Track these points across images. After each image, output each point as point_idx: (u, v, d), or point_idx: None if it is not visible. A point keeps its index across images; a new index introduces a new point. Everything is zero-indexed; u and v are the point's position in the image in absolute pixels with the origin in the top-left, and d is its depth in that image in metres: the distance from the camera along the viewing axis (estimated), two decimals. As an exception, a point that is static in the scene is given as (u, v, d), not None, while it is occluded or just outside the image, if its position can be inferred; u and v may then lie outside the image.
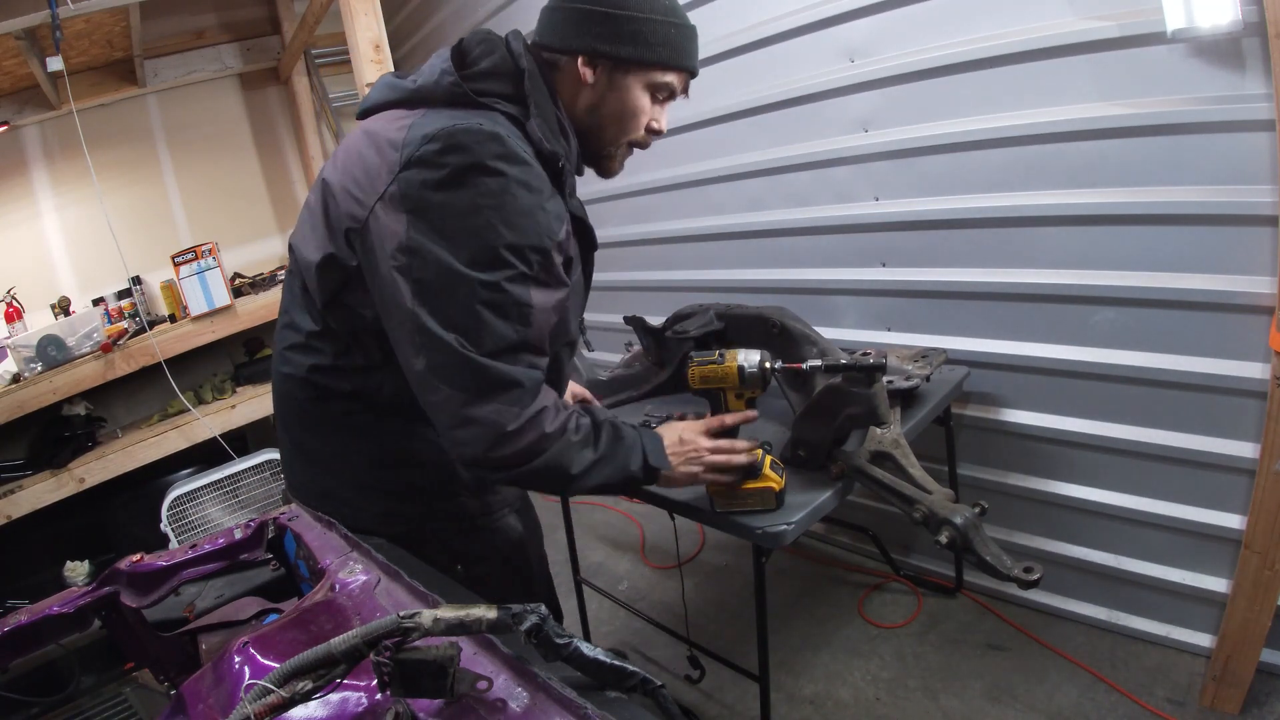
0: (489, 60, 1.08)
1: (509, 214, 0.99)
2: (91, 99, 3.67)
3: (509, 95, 1.08)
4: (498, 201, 0.98)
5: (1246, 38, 1.37)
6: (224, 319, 3.48)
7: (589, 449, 1.09)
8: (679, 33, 1.15)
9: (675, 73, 1.17)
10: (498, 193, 0.98)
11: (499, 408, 1.00)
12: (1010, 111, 1.74)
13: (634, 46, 1.11)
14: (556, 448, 1.05)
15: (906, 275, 2.08)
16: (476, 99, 1.05)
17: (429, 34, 3.92)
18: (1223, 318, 1.57)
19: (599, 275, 3.70)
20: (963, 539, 1.22)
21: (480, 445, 1.01)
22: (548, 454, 1.04)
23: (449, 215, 0.97)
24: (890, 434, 1.48)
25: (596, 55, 1.11)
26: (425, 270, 0.97)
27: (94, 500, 3.31)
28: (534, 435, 1.03)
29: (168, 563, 1.32)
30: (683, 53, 1.17)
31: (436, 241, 0.97)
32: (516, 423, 1.00)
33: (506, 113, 1.06)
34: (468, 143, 0.98)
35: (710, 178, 2.54)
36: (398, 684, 0.70)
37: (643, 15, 1.10)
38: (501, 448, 1.02)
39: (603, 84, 1.14)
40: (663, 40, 1.12)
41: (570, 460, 1.07)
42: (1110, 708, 1.73)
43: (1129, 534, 1.85)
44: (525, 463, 1.04)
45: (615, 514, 3.11)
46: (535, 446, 1.03)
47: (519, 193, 1.00)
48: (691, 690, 2.02)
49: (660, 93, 1.18)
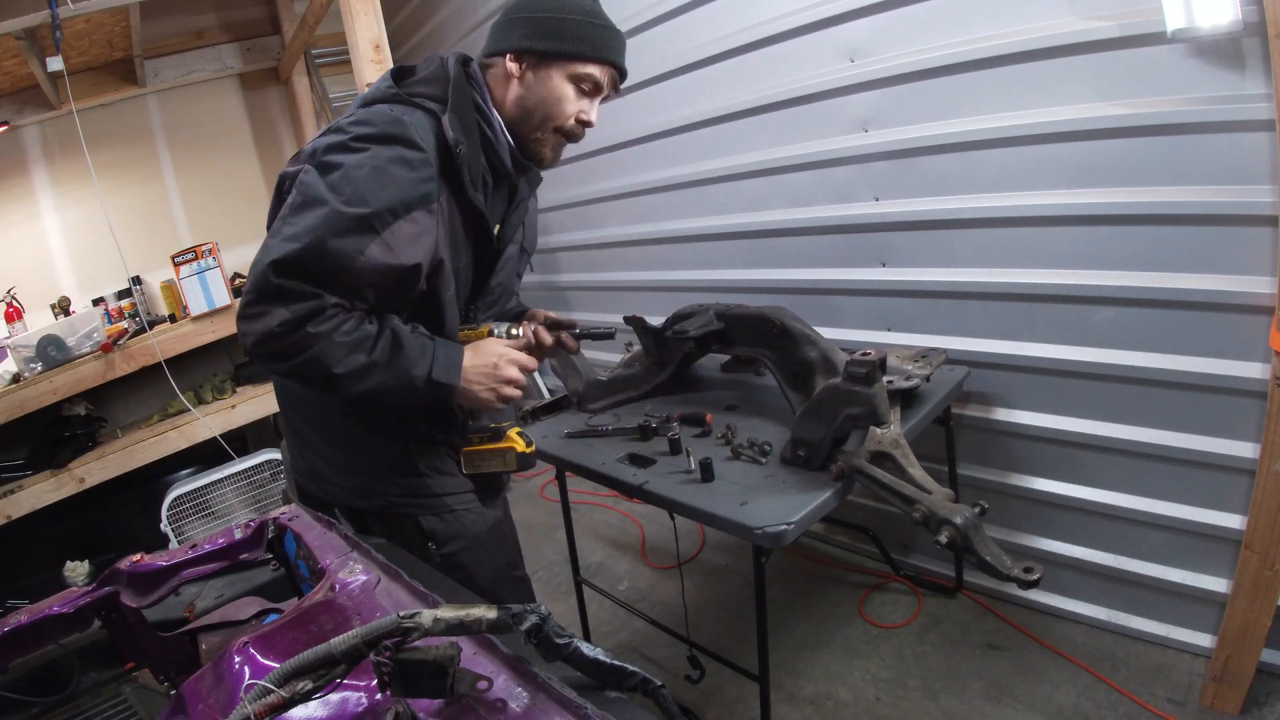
0: (426, 71, 1.27)
1: (384, 177, 1.14)
2: (91, 99, 3.67)
3: (436, 96, 1.23)
4: (379, 165, 1.14)
5: (1246, 38, 1.38)
6: (224, 319, 3.48)
7: (360, 353, 1.17)
8: (597, 31, 1.27)
9: (595, 65, 1.28)
10: (381, 159, 1.14)
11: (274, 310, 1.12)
12: (1010, 111, 1.74)
13: (553, 40, 1.25)
14: (320, 346, 1.14)
15: (906, 275, 2.08)
16: (409, 99, 1.23)
17: (429, 34, 3.92)
18: (1223, 318, 1.57)
19: (599, 275, 3.72)
20: (963, 539, 1.22)
21: (251, 338, 1.15)
22: (310, 351, 1.14)
23: (337, 165, 1.14)
24: (890, 434, 1.48)
25: (520, 52, 1.27)
26: (305, 190, 1.14)
27: (94, 500, 3.32)
28: (297, 335, 1.13)
29: (168, 563, 1.32)
30: (601, 46, 1.28)
31: (320, 178, 1.14)
32: (282, 326, 1.12)
33: (428, 109, 1.22)
34: (372, 118, 1.17)
35: (710, 178, 2.54)
36: (398, 684, 0.70)
37: (561, 15, 1.25)
38: (268, 343, 1.14)
39: (528, 78, 1.28)
40: (580, 35, 1.26)
41: (334, 359, 1.16)
42: (1110, 708, 1.73)
43: (1129, 534, 1.85)
44: (290, 358, 1.15)
45: (615, 514, 3.11)
46: (298, 344, 1.14)
47: (398, 165, 1.15)
48: (691, 690, 2.01)
49: (583, 84, 1.29)
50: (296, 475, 1.47)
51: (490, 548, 1.46)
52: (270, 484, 3.27)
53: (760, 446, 1.62)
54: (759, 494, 1.47)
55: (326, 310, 1.14)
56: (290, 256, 1.10)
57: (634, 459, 1.73)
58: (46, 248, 3.77)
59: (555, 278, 3.66)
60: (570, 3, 1.26)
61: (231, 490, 3.20)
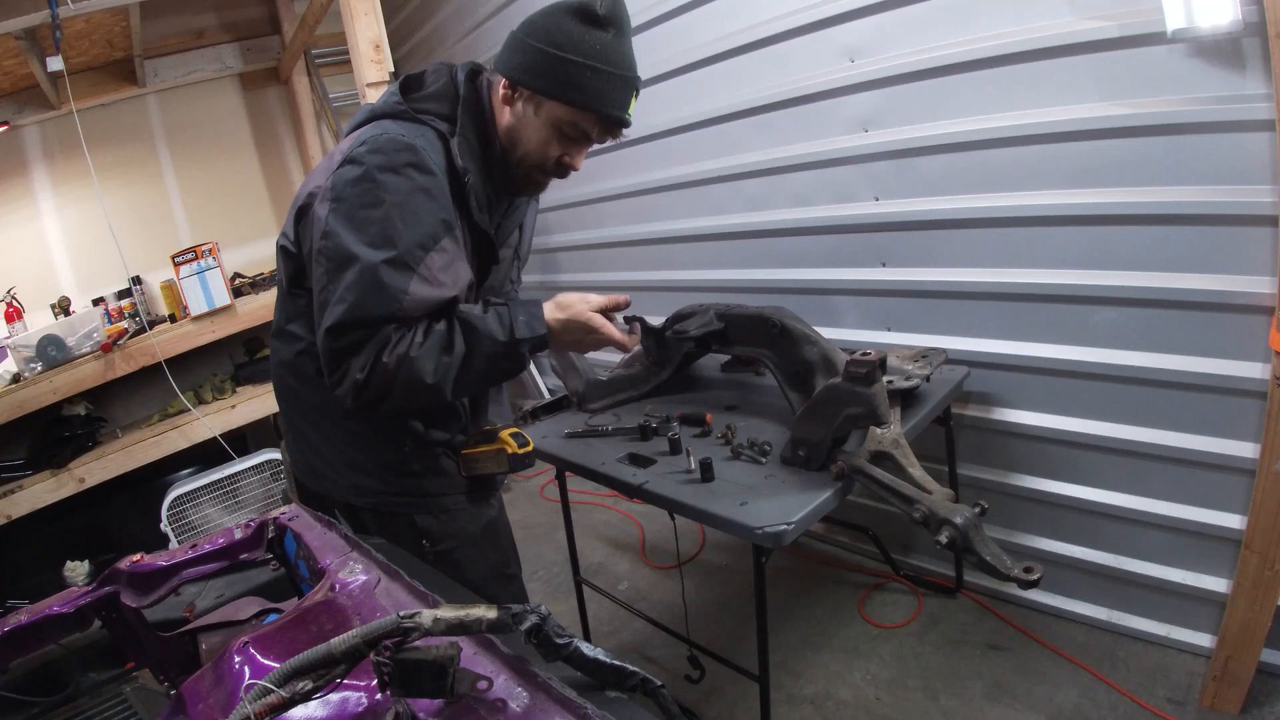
0: (435, 85, 1.26)
1: (406, 212, 1.15)
2: (91, 99, 3.68)
3: (444, 115, 1.24)
4: (399, 200, 1.14)
5: (1246, 38, 1.38)
6: (224, 319, 3.48)
7: (443, 354, 1.19)
8: (599, 79, 1.20)
9: (588, 114, 1.23)
10: (401, 192, 1.15)
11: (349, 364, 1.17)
12: (1010, 111, 1.74)
13: (547, 81, 1.20)
14: (405, 370, 1.16)
15: (906, 275, 2.08)
16: (416, 115, 1.23)
17: (429, 34, 3.92)
18: (1223, 318, 1.57)
19: (599, 275, 3.72)
20: (963, 539, 1.22)
21: (349, 398, 1.18)
22: (399, 377, 1.17)
23: (358, 205, 1.14)
24: (890, 434, 1.48)
25: (517, 83, 1.23)
26: (334, 251, 1.15)
27: (94, 500, 3.31)
28: (379, 371, 1.16)
29: (168, 563, 1.32)
30: (597, 97, 1.21)
31: (344, 226, 1.14)
32: (363, 373, 1.16)
33: (437, 129, 1.23)
34: (386, 148, 1.16)
35: (710, 178, 2.54)
36: (398, 684, 0.70)
37: (565, 55, 1.18)
38: (364, 393, 1.17)
39: (519, 109, 1.25)
40: (576, 82, 1.19)
41: (424, 372, 1.17)
42: (1110, 708, 1.73)
43: (1129, 534, 1.85)
44: (387, 394, 1.18)
45: (615, 514, 3.11)
46: (386, 379, 1.17)
47: (418, 197, 1.16)
48: (691, 690, 2.01)
49: (570, 130, 1.25)
50: (296, 471, 1.49)
51: (483, 547, 1.47)
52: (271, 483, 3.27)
53: (760, 446, 1.62)
54: (759, 494, 1.47)
55: (390, 338, 1.16)
56: (340, 320, 1.14)
57: (634, 459, 1.73)
58: (46, 248, 3.77)
59: (555, 278, 3.66)
60: (580, 42, 1.18)
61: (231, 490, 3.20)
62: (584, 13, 1.18)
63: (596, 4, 1.18)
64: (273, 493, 3.27)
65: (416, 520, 1.39)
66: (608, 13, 1.18)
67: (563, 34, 1.18)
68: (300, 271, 1.27)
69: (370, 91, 2.77)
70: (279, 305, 1.39)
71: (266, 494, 3.27)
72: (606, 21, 1.19)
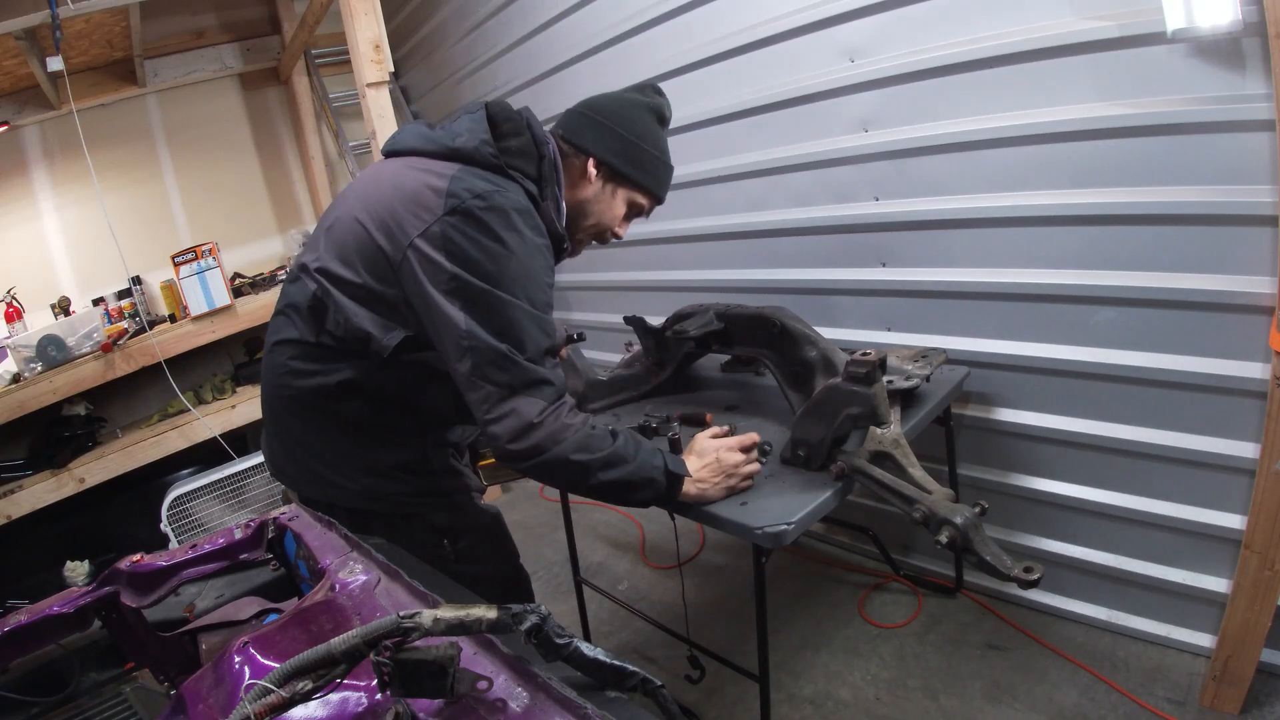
0: (518, 140, 1.29)
1: (530, 266, 1.21)
2: (91, 99, 3.67)
3: (531, 175, 1.29)
4: (525, 254, 1.21)
5: (1246, 38, 1.37)
6: (224, 319, 3.48)
7: (608, 442, 1.25)
8: (664, 169, 1.44)
9: (652, 197, 1.45)
10: (523, 248, 1.21)
11: (529, 400, 1.18)
12: (1010, 111, 1.73)
13: (633, 168, 1.39)
14: (578, 437, 1.21)
15: (906, 275, 2.07)
16: (507, 169, 1.26)
17: (429, 34, 3.92)
18: (1223, 318, 1.57)
19: (599, 275, 3.72)
20: (963, 539, 1.22)
21: (509, 434, 1.18)
22: (568, 441, 1.20)
23: (487, 257, 1.18)
24: (890, 434, 1.48)
25: (605, 164, 1.38)
26: (474, 294, 1.17)
27: (94, 500, 3.31)
28: (556, 425, 1.19)
29: (168, 563, 1.32)
30: (662, 186, 1.46)
31: (479, 274, 1.17)
32: (541, 415, 1.18)
33: (527, 189, 1.27)
34: (507, 208, 1.20)
35: (710, 178, 2.54)
36: (398, 684, 0.70)
37: (645, 146, 1.39)
38: (529, 436, 1.18)
39: (598, 187, 1.40)
40: (653, 172, 1.42)
41: (589, 448, 1.22)
42: (1110, 708, 1.73)
43: (1129, 534, 1.85)
44: (549, 449, 1.19)
45: (615, 514, 3.11)
46: (557, 434, 1.19)
47: (535, 255, 1.23)
48: (691, 690, 2.01)
49: (634, 211, 1.46)
50: (295, 483, 1.45)
51: (498, 537, 1.53)
52: (271, 483, 3.27)
53: (760, 446, 1.62)
54: (759, 494, 1.47)
55: (568, 400, 1.23)
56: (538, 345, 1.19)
57: (634, 459, 1.73)
58: (46, 248, 3.77)
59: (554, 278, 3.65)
60: (652, 136, 1.40)
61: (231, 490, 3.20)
62: (660, 115, 1.43)
63: (666, 109, 1.44)
64: (273, 493, 3.27)
65: (436, 520, 1.41)
66: (670, 115, 1.46)
67: (644, 127, 1.39)
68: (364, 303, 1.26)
69: (370, 92, 2.77)
70: (298, 318, 1.34)
71: (267, 494, 3.27)
72: (668, 122, 1.45)
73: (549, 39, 3.01)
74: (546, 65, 3.07)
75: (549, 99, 3.15)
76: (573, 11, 2.80)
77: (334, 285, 1.28)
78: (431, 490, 1.42)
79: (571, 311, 3.65)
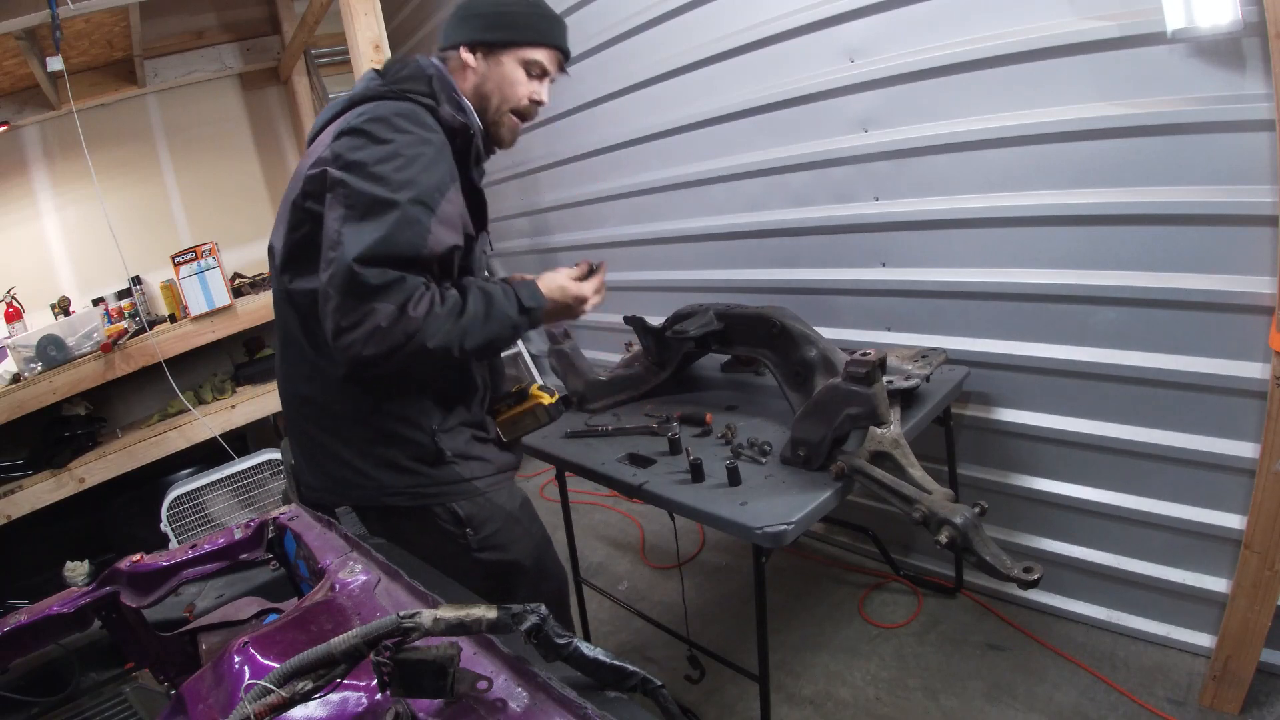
0: (406, 70, 1.36)
1: (417, 162, 1.22)
2: (91, 99, 3.67)
3: (424, 92, 1.32)
4: (411, 152, 1.22)
5: (1246, 38, 1.37)
6: (224, 319, 3.48)
7: (462, 316, 1.25)
8: (542, 20, 1.42)
9: (542, 49, 1.42)
10: (411, 145, 1.23)
11: (375, 307, 1.17)
12: (1010, 111, 1.73)
13: (505, 31, 1.39)
14: (429, 325, 1.20)
15: (906, 275, 2.07)
16: (403, 94, 1.30)
17: (429, 34, 3.91)
18: (1223, 318, 1.57)
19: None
20: (963, 539, 1.22)
21: (360, 343, 1.18)
22: (419, 334, 1.20)
23: (372, 161, 1.20)
24: (890, 434, 1.48)
25: (474, 44, 1.39)
26: (351, 198, 1.19)
27: (94, 500, 3.31)
28: (403, 322, 1.18)
29: (168, 563, 1.32)
30: (547, 33, 1.42)
31: (362, 177, 1.19)
32: (388, 320, 1.17)
33: (424, 104, 1.30)
34: (387, 113, 1.24)
35: (710, 178, 2.54)
36: (398, 684, 0.70)
37: (508, 8, 1.39)
38: (381, 342, 1.18)
39: (483, 66, 1.40)
40: (526, 24, 1.40)
41: (442, 330, 1.22)
42: (1110, 707, 1.73)
43: (1129, 534, 1.85)
44: (404, 346, 1.19)
45: (615, 514, 3.11)
46: (409, 332, 1.19)
47: (425, 149, 1.24)
48: (691, 690, 2.01)
49: (532, 68, 1.42)
50: (319, 494, 1.45)
51: (524, 523, 1.51)
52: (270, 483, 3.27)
53: (760, 446, 1.62)
54: (759, 494, 1.47)
55: (418, 290, 1.20)
56: (371, 249, 1.16)
57: (634, 459, 1.73)
58: (46, 248, 3.77)
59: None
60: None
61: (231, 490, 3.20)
62: None
63: None
64: (273, 493, 3.27)
65: (458, 509, 1.40)
66: None
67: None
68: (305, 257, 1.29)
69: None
70: (288, 315, 1.38)
71: (266, 494, 3.27)
72: None
73: (549, 39, 3.01)
74: (546, 65, 3.07)
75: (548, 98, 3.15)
76: (573, 11, 2.79)
77: (279, 260, 1.34)
78: (449, 479, 1.40)
79: (571, 311, 3.64)
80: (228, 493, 3.19)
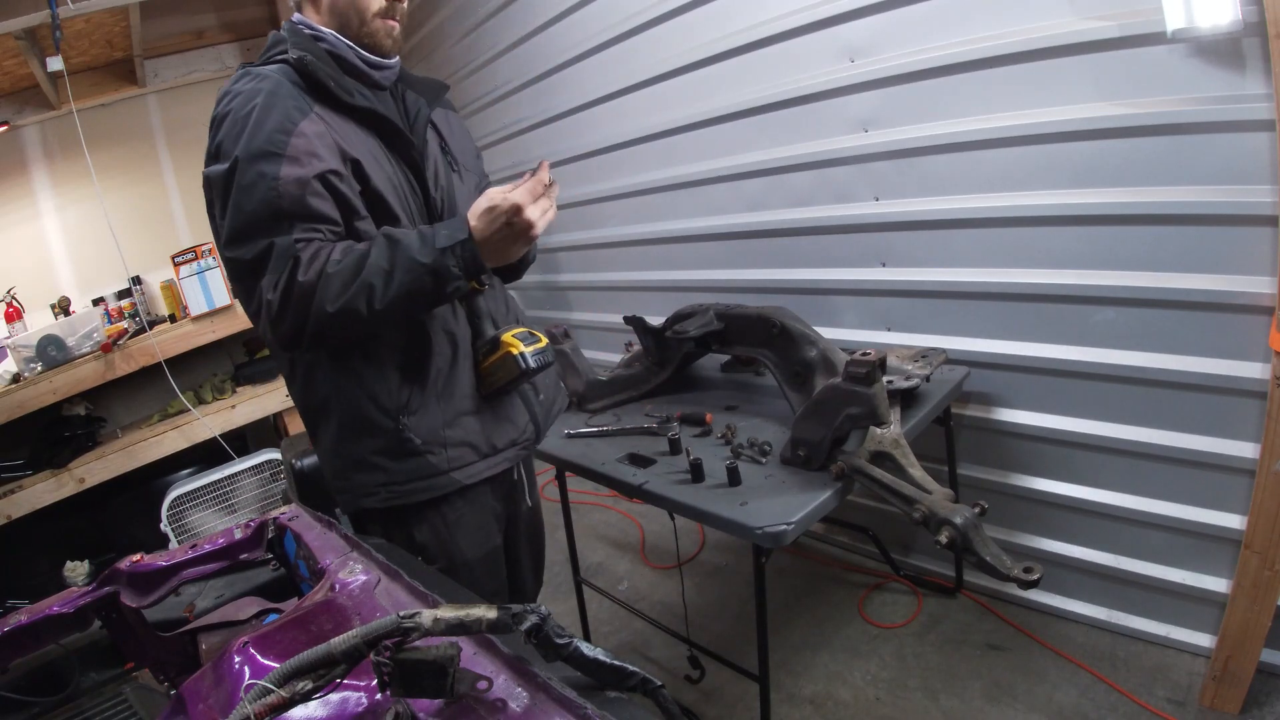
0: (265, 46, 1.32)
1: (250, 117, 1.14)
2: (91, 99, 3.67)
3: (282, 51, 1.26)
4: (241, 112, 1.16)
5: (1246, 38, 1.37)
6: (224, 319, 3.48)
7: (363, 271, 1.11)
8: None
9: None
10: (238, 108, 1.16)
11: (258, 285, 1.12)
12: (1010, 111, 1.73)
13: None
14: (321, 290, 1.10)
15: (906, 275, 2.07)
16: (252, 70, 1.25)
17: (429, 34, 3.92)
18: (1223, 318, 1.57)
19: (599, 275, 3.70)
20: (963, 539, 1.22)
21: (266, 325, 1.13)
22: (316, 297, 1.10)
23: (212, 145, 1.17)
24: (890, 434, 1.48)
25: None
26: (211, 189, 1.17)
27: (94, 500, 3.32)
28: (294, 293, 1.10)
29: (168, 563, 1.32)
30: None
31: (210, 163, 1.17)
32: (276, 293, 1.11)
33: (280, 61, 1.24)
34: (227, 89, 1.22)
35: (710, 178, 2.54)
36: (398, 684, 0.70)
37: None
38: (283, 319, 1.12)
39: None
40: None
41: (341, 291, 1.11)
42: (1110, 708, 1.73)
43: (1129, 534, 1.85)
44: (307, 315, 1.11)
45: (615, 514, 3.11)
46: (303, 301, 1.10)
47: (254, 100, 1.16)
48: (691, 690, 2.02)
49: None
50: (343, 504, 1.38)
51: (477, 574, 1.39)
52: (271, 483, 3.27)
53: (760, 446, 1.62)
54: (759, 494, 1.47)
55: (298, 254, 1.11)
56: (230, 230, 1.13)
57: (634, 459, 1.73)
58: (46, 248, 3.77)
59: (555, 278, 3.66)
60: None
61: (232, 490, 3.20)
62: None
63: None
64: (272, 493, 3.27)
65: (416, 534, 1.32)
66: None
67: None
68: None
69: (370, 91, 2.76)
70: None
71: (266, 494, 3.27)
72: None
73: (549, 39, 3.01)
74: (547, 65, 3.07)
75: (549, 99, 3.16)
76: (573, 11, 2.80)
77: None
78: (424, 473, 1.27)
79: (572, 311, 3.65)
80: (228, 493, 3.19)
